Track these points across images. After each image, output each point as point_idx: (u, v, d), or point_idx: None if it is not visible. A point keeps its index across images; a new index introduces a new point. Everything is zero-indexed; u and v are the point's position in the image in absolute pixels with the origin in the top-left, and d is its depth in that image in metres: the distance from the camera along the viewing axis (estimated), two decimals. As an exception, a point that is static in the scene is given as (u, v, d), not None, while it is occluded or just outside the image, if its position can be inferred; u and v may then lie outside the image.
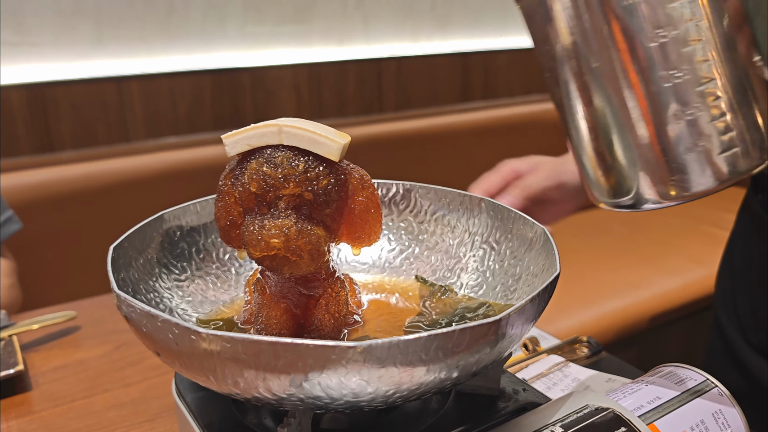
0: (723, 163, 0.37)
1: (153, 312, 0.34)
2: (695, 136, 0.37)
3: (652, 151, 0.38)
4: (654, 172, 0.38)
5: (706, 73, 0.37)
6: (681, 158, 0.37)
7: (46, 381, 0.63)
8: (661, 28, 0.37)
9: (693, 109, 0.37)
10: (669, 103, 0.37)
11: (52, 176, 1.22)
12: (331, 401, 0.34)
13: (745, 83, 0.37)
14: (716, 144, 0.36)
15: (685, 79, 0.36)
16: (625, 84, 0.38)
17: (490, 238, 0.52)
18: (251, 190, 0.39)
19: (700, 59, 0.36)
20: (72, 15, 1.31)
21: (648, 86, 0.37)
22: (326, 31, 1.62)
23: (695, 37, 0.36)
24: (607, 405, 0.42)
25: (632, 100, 0.38)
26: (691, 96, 0.37)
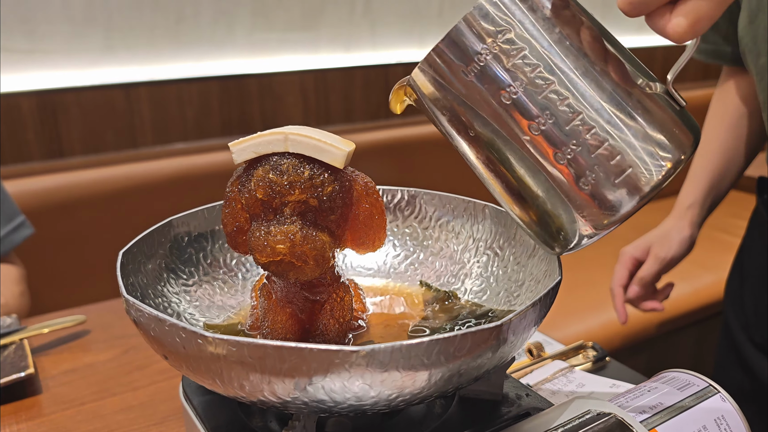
0: (624, 186, 0.37)
1: (161, 316, 0.35)
2: (584, 170, 0.37)
3: (558, 196, 0.38)
4: (577, 210, 0.38)
5: (570, 111, 0.37)
6: (584, 192, 0.37)
7: (56, 384, 0.64)
8: (511, 84, 0.37)
9: (571, 148, 0.37)
10: (547, 149, 0.37)
11: (62, 182, 1.23)
12: (335, 405, 0.35)
13: (619, 105, 0.37)
14: (609, 171, 0.37)
15: (552, 123, 0.37)
16: (506, 148, 0.39)
17: (494, 244, 0.53)
18: (257, 196, 0.40)
19: (559, 99, 0.37)
20: (83, 23, 1.32)
21: (524, 139, 0.38)
22: (333, 38, 1.64)
23: (546, 81, 0.37)
24: (609, 410, 0.42)
25: (518, 158, 0.39)
26: (563, 137, 0.37)
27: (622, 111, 0.37)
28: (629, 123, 0.37)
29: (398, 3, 1.70)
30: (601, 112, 0.37)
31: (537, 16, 0.38)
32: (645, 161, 0.37)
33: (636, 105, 0.37)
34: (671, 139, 0.37)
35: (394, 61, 1.73)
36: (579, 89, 0.37)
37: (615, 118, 0.37)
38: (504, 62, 0.37)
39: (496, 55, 0.38)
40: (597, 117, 0.37)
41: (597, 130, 0.37)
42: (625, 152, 0.37)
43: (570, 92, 0.37)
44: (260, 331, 0.45)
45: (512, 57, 0.37)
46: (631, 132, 0.37)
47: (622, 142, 0.37)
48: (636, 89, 0.37)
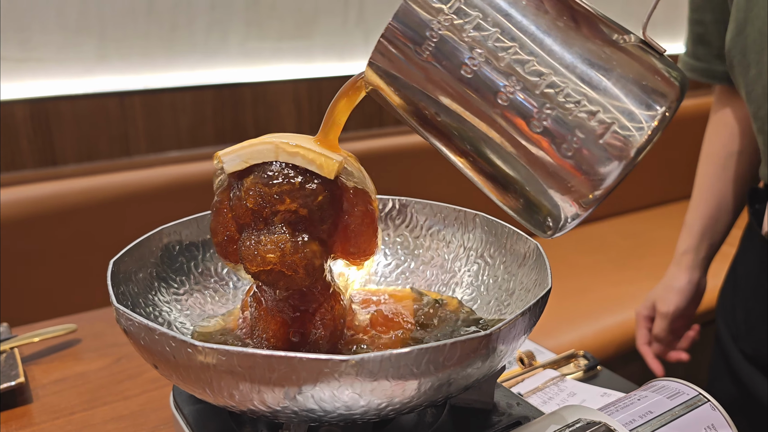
0: (611, 143, 0.33)
1: (151, 325, 0.35)
2: (564, 135, 0.34)
3: (543, 170, 0.35)
4: (560, 186, 0.35)
5: (538, 74, 0.34)
6: (568, 161, 0.34)
7: (47, 393, 0.64)
8: (469, 56, 0.34)
9: (545, 113, 0.34)
10: (520, 120, 0.34)
11: (55, 190, 1.23)
12: (325, 414, 0.35)
13: (591, 60, 0.34)
14: (591, 131, 0.33)
15: (521, 88, 0.34)
16: (477, 129, 0.36)
17: (485, 252, 0.53)
18: (247, 205, 0.40)
19: (523, 63, 0.34)
20: (77, 32, 1.32)
21: (494, 113, 0.35)
22: (327, 47, 1.64)
23: (506, 46, 0.34)
24: (600, 419, 0.42)
25: (492, 137, 0.35)
26: (535, 102, 0.34)
27: (595, 66, 0.34)
28: (605, 77, 0.34)
29: (391, 12, 1.70)
30: (573, 69, 0.34)
31: None
32: (630, 113, 0.34)
33: (610, 58, 0.34)
34: (654, 88, 0.34)
35: (387, 70, 1.73)
36: (544, 49, 0.34)
37: (589, 74, 0.34)
38: (458, 34, 0.35)
39: (448, 28, 0.35)
40: (569, 75, 0.34)
41: (570, 90, 0.34)
42: (606, 108, 0.34)
43: (534, 54, 0.34)
44: (251, 340, 0.45)
45: (466, 27, 0.35)
46: (609, 86, 0.34)
47: (601, 97, 0.34)
48: (608, 43, 0.35)
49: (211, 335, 0.48)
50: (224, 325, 0.49)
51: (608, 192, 0.34)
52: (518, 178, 0.36)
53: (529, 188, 0.36)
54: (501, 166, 0.36)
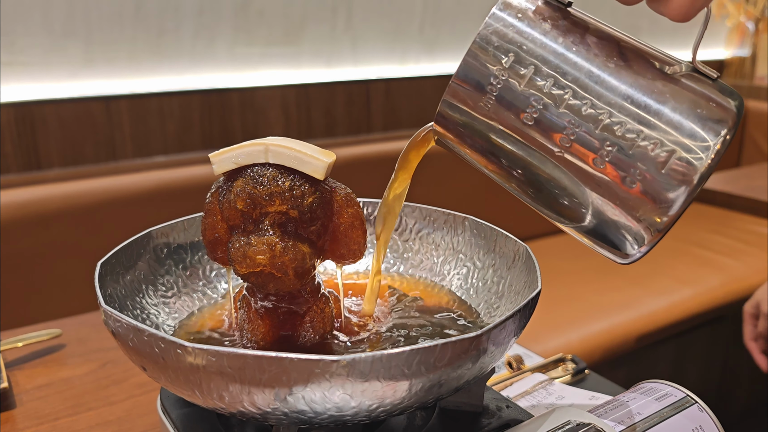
0: (674, 171, 0.35)
1: (139, 326, 0.35)
2: (627, 168, 0.36)
3: (610, 202, 0.37)
4: (629, 216, 0.36)
5: (595, 113, 0.36)
6: (633, 192, 0.36)
7: (30, 399, 0.63)
8: (529, 105, 0.37)
9: (606, 149, 0.36)
10: (584, 157, 0.36)
11: (39, 194, 1.21)
12: (315, 415, 0.35)
13: (644, 94, 0.36)
14: (652, 162, 0.35)
15: (580, 130, 0.36)
16: (544, 169, 0.38)
17: (474, 256, 0.53)
18: (237, 207, 0.40)
19: (581, 105, 0.36)
20: (63, 35, 1.32)
21: (557, 155, 0.37)
22: (315, 53, 1.64)
23: (562, 91, 0.36)
24: (589, 421, 0.42)
25: (559, 176, 0.37)
26: (596, 140, 0.36)
27: (650, 99, 0.36)
28: (660, 108, 0.35)
29: (380, 20, 1.71)
30: (628, 106, 0.36)
31: (538, 32, 0.37)
32: (687, 142, 0.35)
33: (663, 90, 0.36)
34: (710, 116, 0.35)
35: (375, 77, 1.74)
36: (598, 90, 0.36)
37: (644, 107, 0.35)
38: (516, 85, 0.37)
39: (506, 80, 0.37)
40: (625, 112, 0.36)
41: (628, 125, 0.35)
42: (664, 138, 0.35)
43: (590, 95, 0.36)
44: (240, 342, 0.45)
45: (523, 78, 0.37)
46: (665, 117, 0.35)
47: (658, 129, 0.35)
48: (660, 75, 0.36)
49: (197, 333, 0.47)
50: (204, 321, 0.49)
51: (675, 218, 0.36)
52: (588, 212, 0.38)
53: (599, 220, 0.38)
54: (569, 202, 0.38)
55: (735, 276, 1.60)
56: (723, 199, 1.91)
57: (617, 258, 0.39)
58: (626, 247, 0.38)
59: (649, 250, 0.38)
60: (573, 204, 0.38)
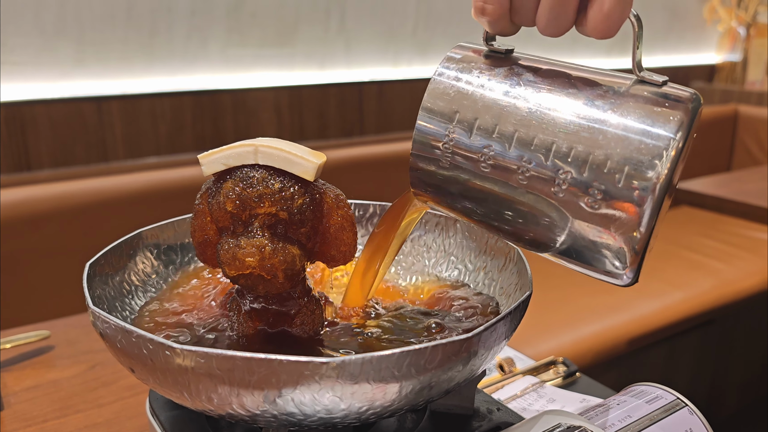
0: (632, 187, 0.34)
1: (128, 327, 0.34)
2: (585, 191, 0.35)
3: (583, 227, 0.36)
4: (606, 236, 0.36)
5: (543, 146, 0.36)
6: (599, 212, 0.35)
7: (18, 401, 0.63)
8: (481, 153, 0.38)
9: (560, 177, 0.36)
10: (544, 189, 0.37)
11: (29, 195, 1.21)
12: (305, 418, 0.34)
13: (591, 115, 0.36)
14: (607, 179, 0.35)
15: (533, 165, 0.37)
16: (512, 205, 0.38)
17: (466, 258, 0.53)
18: (227, 209, 0.40)
19: (528, 142, 0.37)
20: (54, 35, 1.31)
21: (519, 193, 0.38)
22: (308, 55, 1.64)
23: (509, 133, 0.37)
24: (579, 423, 0.42)
25: (528, 211, 0.38)
26: (550, 171, 0.36)
27: (594, 119, 0.36)
28: (607, 126, 0.35)
29: (373, 22, 1.71)
30: (574, 130, 0.36)
31: (478, 84, 0.39)
32: (638, 154, 0.34)
33: (606, 107, 0.36)
34: (657, 120, 0.35)
35: (368, 79, 1.74)
36: (543, 123, 0.37)
37: (589, 129, 0.36)
38: (466, 138, 0.39)
39: (456, 137, 0.39)
40: (572, 137, 0.36)
41: (578, 148, 0.36)
42: (614, 153, 0.35)
43: (535, 130, 0.37)
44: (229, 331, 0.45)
45: (470, 130, 0.39)
46: (612, 133, 0.35)
47: (607, 146, 0.35)
48: (603, 94, 0.36)
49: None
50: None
51: (648, 232, 0.35)
52: (570, 242, 0.37)
53: (582, 247, 0.37)
54: (550, 236, 0.38)
55: (726, 280, 1.60)
56: (714, 203, 1.92)
57: (613, 280, 0.38)
58: (614, 270, 0.37)
59: (637, 269, 0.37)
60: (554, 237, 0.38)
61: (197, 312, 0.46)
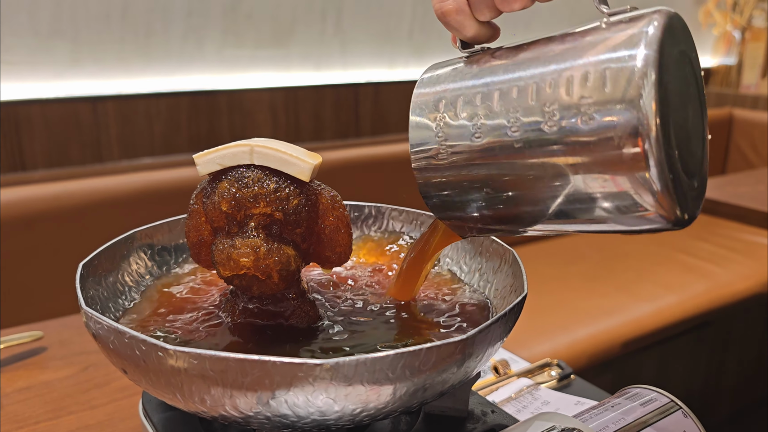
0: (617, 91, 0.32)
1: (120, 328, 0.34)
2: (577, 112, 0.34)
3: (592, 158, 0.34)
4: (617, 155, 0.33)
5: (525, 93, 0.36)
6: (598, 130, 0.33)
7: (10, 402, 0.62)
8: (471, 125, 0.38)
9: (547, 110, 0.34)
10: (538, 139, 0.35)
11: (23, 195, 1.20)
12: (298, 419, 0.34)
13: (566, 49, 0.35)
14: (594, 89, 0.33)
15: (520, 114, 0.36)
16: (525, 170, 0.37)
17: (460, 260, 0.53)
18: (221, 209, 0.39)
19: (510, 97, 0.36)
20: (49, 35, 1.30)
21: (516, 150, 0.36)
22: (304, 56, 1.64)
23: (491, 98, 0.37)
24: (573, 426, 0.42)
25: (543, 171, 0.36)
26: (537, 113, 0.35)
27: (568, 48, 0.35)
28: (582, 48, 0.34)
29: (369, 23, 1.71)
30: (552, 69, 0.35)
31: (459, 73, 0.40)
32: (618, 47, 0.33)
33: (580, 35, 0.35)
34: (635, 22, 0.33)
35: (364, 81, 1.74)
36: (522, 73, 0.36)
37: (565, 57, 0.35)
38: (454, 122, 0.39)
39: (446, 124, 0.39)
40: (551, 74, 0.35)
41: (557, 81, 0.34)
42: (593, 64, 0.33)
43: (514, 82, 0.36)
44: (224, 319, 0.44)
45: (455, 110, 0.39)
46: (588, 50, 0.34)
47: (585, 63, 0.33)
48: (576, 31, 0.36)
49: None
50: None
51: (660, 120, 0.31)
52: (587, 191, 0.35)
53: (602, 187, 0.34)
54: (571, 197, 0.36)
55: (720, 282, 1.61)
56: (708, 205, 1.92)
57: (661, 222, 0.34)
58: (644, 201, 0.33)
59: (672, 193, 0.33)
60: (570, 191, 0.35)
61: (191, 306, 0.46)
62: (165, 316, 0.45)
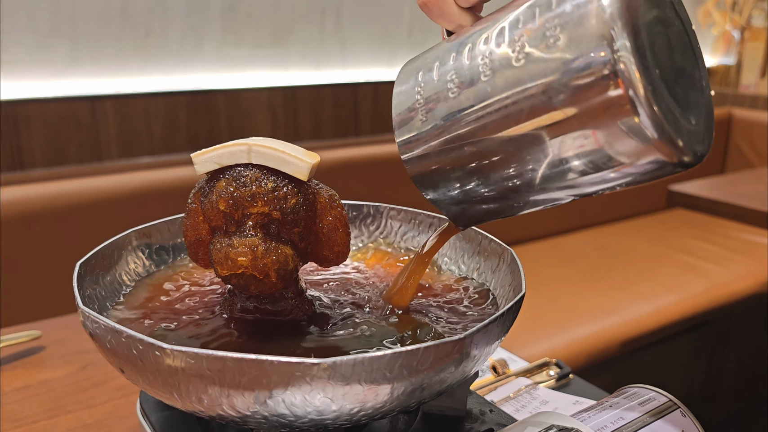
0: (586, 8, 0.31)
1: (117, 327, 0.34)
2: (543, 34, 0.33)
3: (567, 74, 0.32)
4: (597, 82, 0.31)
5: (495, 29, 0.35)
6: (570, 47, 0.32)
7: (8, 402, 0.62)
8: (447, 79, 0.37)
9: (518, 45, 0.34)
10: (508, 60, 0.34)
11: (22, 194, 1.20)
12: (296, 419, 0.34)
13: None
14: (563, 13, 0.32)
15: (491, 59, 0.35)
16: (502, 117, 0.35)
17: (459, 259, 0.53)
18: (219, 208, 0.39)
19: (482, 41, 0.36)
20: (48, 34, 1.30)
21: (488, 88, 0.35)
22: (303, 55, 1.64)
23: (464, 53, 0.37)
24: (572, 425, 0.42)
25: (514, 107, 0.34)
26: (507, 40, 0.34)
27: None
28: None
29: (368, 23, 1.71)
30: (516, 13, 0.34)
31: (431, 52, 0.40)
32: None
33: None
34: None
35: (363, 80, 1.74)
36: (489, 27, 0.36)
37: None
38: (433, 83, 0.38)
39: (424, 88, 0.39)
40: (516, 15, 0.34)
41: (522, 16, 0.34)
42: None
43: (482, 33, 0.36)
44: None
45: (433, 72, 0.38)
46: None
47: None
48: None
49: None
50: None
51: (630, 33, 0.30)
52: (571, 120, 0.33)
53: (600, 130, 0.32)
54: (546, 135, 0.34)
55: (719, 282, 1.61)
56: (707, 205, 1.92)
57: (669, 153, 0.32)
58: (630, 124, 0.31)
59: (651, 108, 0.30)
60: (561, 132, 0.33)
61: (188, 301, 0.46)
62: (162, 315, 0.45)
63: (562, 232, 1.94)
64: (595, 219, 2.04)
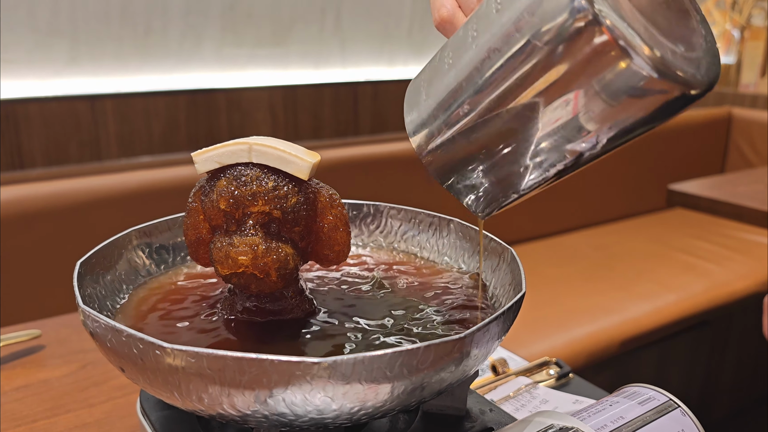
0: None
1: (118, 326, 0.34)
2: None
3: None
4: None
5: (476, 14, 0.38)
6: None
7: (8, 401, 0.62)
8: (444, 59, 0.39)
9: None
10: (489, 19, 0.36)
11: (22, 193, 1.20)
12: (296, 418, 0.34)
13: None
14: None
15: (476, 28, 0.37)
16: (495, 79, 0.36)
17: (459, 258, 0.53)
18: (220, 207, 0.39)
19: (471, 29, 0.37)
20: (48, 33, 1.30)
21: (478, 53, 0.36)
22: (303, 55, 1.64)
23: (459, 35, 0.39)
24: (572, 425, 0.42)
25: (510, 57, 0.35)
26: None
27: None
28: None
29: (368, 22, 1.71)
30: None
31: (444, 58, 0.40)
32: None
33: None
34: None
35: (363, 79, 1.74)
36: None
37: None
38: (435, 71, 0.40)
39: (427, 78, 0.40)
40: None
41: None
42: None
43: (471, 20, 0.37)
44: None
45: (435, 68, 0.40)
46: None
47: None
48: None
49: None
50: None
51: None
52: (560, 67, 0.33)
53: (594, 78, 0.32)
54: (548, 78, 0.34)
55: (718, 281, 1.61)
56: (707, 204, 1.92)
57: (680, 87, 0.32)
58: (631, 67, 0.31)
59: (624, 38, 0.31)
60: (555, 79, 0.33)
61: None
62: (162, 314, 0.45)
63: (561, 232, 1.94)
64: (594, 219, 2.04)
